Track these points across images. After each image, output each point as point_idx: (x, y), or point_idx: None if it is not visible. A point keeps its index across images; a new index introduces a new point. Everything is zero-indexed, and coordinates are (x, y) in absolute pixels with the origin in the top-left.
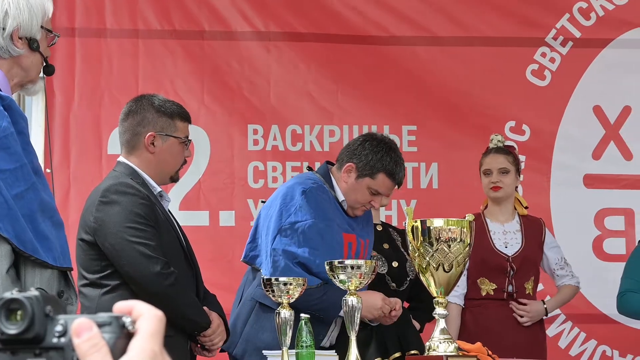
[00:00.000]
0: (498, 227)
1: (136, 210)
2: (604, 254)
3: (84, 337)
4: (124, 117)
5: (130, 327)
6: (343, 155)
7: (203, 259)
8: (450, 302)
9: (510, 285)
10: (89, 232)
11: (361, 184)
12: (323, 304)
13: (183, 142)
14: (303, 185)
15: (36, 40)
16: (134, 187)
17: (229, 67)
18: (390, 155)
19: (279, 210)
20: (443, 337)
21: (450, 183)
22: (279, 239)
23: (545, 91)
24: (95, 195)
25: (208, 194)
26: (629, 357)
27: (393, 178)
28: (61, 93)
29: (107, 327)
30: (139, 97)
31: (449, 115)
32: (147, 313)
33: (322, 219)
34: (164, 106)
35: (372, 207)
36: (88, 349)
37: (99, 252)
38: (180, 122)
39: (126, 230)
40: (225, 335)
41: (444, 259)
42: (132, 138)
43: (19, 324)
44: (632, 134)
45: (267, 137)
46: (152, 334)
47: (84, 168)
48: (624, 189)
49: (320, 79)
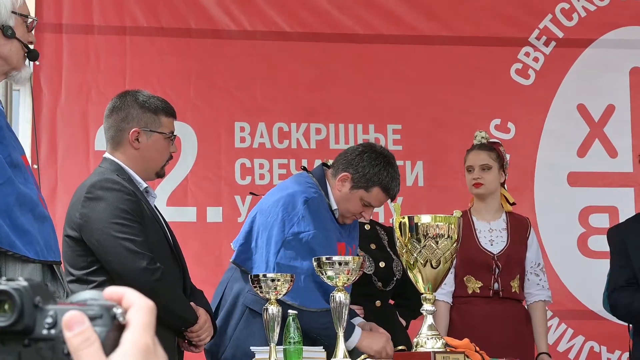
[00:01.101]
0: (484, 225)
1: (122, 206)
2: (589, 251)
3: (75, 331)
4: (109, 113)
5: (122, 318)
6: (339, 163)
7: (190, 255)
8: (439, 300)
9: (496, 283)
10: (74, 229)
11: (355, 195)
12: (329, 331)
13: (168, 137)
14: (305, 193)
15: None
16: (119, 183)
17: (216, 65)
18: (388, 170)
19: (281, 220)
20: (431, 334)
21: (435, 181)
22: (283, 253)
23: (529, 90)
24: (80, 191)
25: (195, 190)
26: (616, 353)
27: (388, 193)
28: (48, 89)
29: (98, 320)
30: (123, 93)
31: (434, 114)
32: (138, 303)
33: (322, 230)
34: (148, 102)
35: (362, 217)
36: (80, 343)
37: (84, 248)
38: (164, 117)
39: (112, 226)
40: (212, 332)
41: (432, 255)
42: (117, 134)
43: (8, 316)
44: (616, 132)
45: (254, 135)
46: (144, 326)
47: (72, 164)
48: (608, 186)
49: (306, 77)
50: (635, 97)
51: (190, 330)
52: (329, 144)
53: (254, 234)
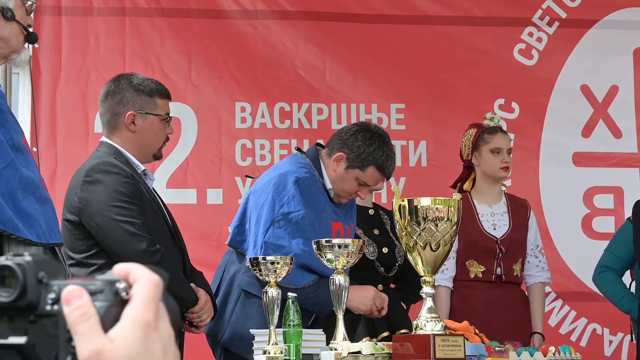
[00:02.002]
0: (486, 209)
1: (120, 189)
2: (593, 232)
3: (73, 306)
4: (104, 97)
5: (124, 293)
6: (334, 143)
7: (191, 237)
8: (440, 285)
9: (499, 267)
10: (73, 212)
11: (350, 174)
12: (317, 299)
13: (164, 119)
14: (296, 173)
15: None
16: (117, 166)
17: (216, 45)
18: (383, 149)
19: (272, 199)
20: (430, 316)
21: (439, 161)
22: (271, 231)
23: (533, 70)
24: (79, 175)
25: (195, 172)
26: (619, 335)
27: (383, 172)
28: (47, 71)
29: (99, 294)
30: (117, 76)
31: (437, 94)
32: (143, 278)
33: (314, 210)
34: (143, 84)
35: (358, 196)
36: (77, 318)
37: (84, 232)
38: (159, 99)
39: (111, 209)
40: (212, 312)
41: (431, 238)
42: (113, 118)
43: (10, 292)
44: (620, 113)
45: (255, 115)
46: (147, 300)
47: (71, 147)
48: (613, 167)
49: (308, 57)
50: (639, 78)
51: (191, 311)
52: (330, 124)
53: (248, 215)
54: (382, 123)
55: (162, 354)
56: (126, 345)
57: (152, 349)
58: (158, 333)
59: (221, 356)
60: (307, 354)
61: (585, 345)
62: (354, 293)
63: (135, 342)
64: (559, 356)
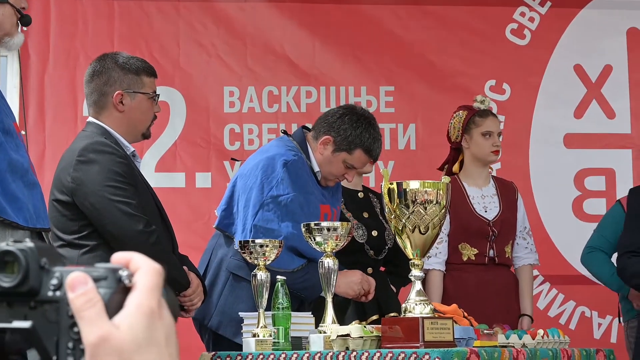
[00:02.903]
0: (476, 192)
1: (115, 169)
2: (584, 214)
3: (78, 292)
4: (89, 78)
5: (127, 281)
6: (320, 126)
7: (179, 220)
8: (433, 269)
9: (492, 249)
10: (65, 193)
11: (337, 157)
12: (305, 283)
13: (151, 97)
14: (284, 156)
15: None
16: (110, 146)
17: (204, 29)
18: (369, 132)
19: (260, 182)
20: (419, 299)
21: (428, 144)
22: (261, 214)
23: (525, 50)
24: (70, 155)
25: (184, 155)
26: (607, 318)
27: (370, 154)
28: (36, 54)
29: (102, 281)
30: (102, 56)
31: (427, 75)
32: (145, 266)
33: (303, 192)
34: (129, 63)
35: (345, 179)
36: (82, 304)
37: (76, 212)
38: (146, 77)
39: (106, 189)
40: (203, 296)
41: (420, 221)
42: (100, 98)
43: (13, 277)
44: (613, 93)
45: (244, 99)
46: (150, 289)
47: (60, 130)
48: (605, 148)
49: (296, 39)
50: (633, 58)
51: (183, 294)
52: (319, 108)
53: (235, 199)
54: (371, 106)
55: (165, 341)
56: (132, 331)
57: (157, 336)
58: (162, 321)
59: (209, 340)
60: (296, 337)
61: (574, 328)
62: (341, 279)
63: (140, 329)
64: (548, 339)
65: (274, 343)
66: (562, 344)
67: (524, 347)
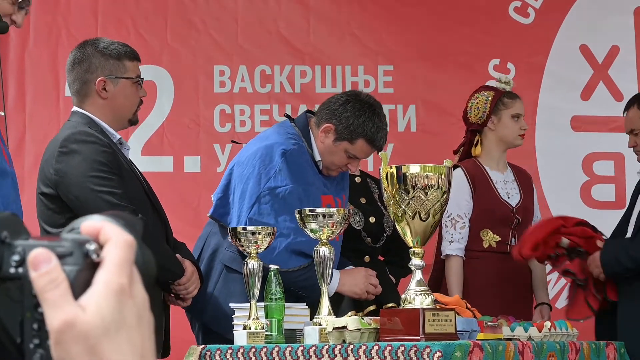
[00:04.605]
0: (499, 176)
1: (99, 159)
2: (592, 200)
3: (41, 271)
4: (71, 66)
5: (95, 255)
6: (322, 113)
7: (167, 206)
8: (453, 255)
9: (514, 237)
10: (49, 185)
11: (339, 147)
12: (307, 282)
13: (135, 82)
14: (283, 145)
15: None
16: (93, 135)
17: (193, 4)
18: (373, 120)
19: (257, 173)
20: (419, 289)
21: (429, 126)
22: (257, 208)
23: (529, 29)
24: (53, 146)
25: (172, 138)
26: None
27: (373, 144)
28: (15, 32)
29: (68, 258)
30: (82, 43)
31: (428, 54)
32: (115, 238)
33: (302, 184)
34: (109, 48)
35: (348, 169)
36: (46, 284)
37: (61, 205)
38: (128, 62)
39: (90, 179)
40: (199, 283)
41: (421, 207)
42: (83, 87)
43: None
44: (621, 74)
45: (235, 79)
46: (120, 264)
47: (41, 111)
48: (613, 131)
49: (291, 16)
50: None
51: (177, 283)
52: (314, 88)
53: (232, 187)
54: (369, 86)
55: (137, 321)
56: (99, 313)
57: (127, 317)
58: (133, 300)
59: (199, 332)
60: (290, 329)
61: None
62: (345, 277)
63: (109, 310)
64: (555, 332)
65: (267, 336)
66: (570, 337)
67: (530, 339)
